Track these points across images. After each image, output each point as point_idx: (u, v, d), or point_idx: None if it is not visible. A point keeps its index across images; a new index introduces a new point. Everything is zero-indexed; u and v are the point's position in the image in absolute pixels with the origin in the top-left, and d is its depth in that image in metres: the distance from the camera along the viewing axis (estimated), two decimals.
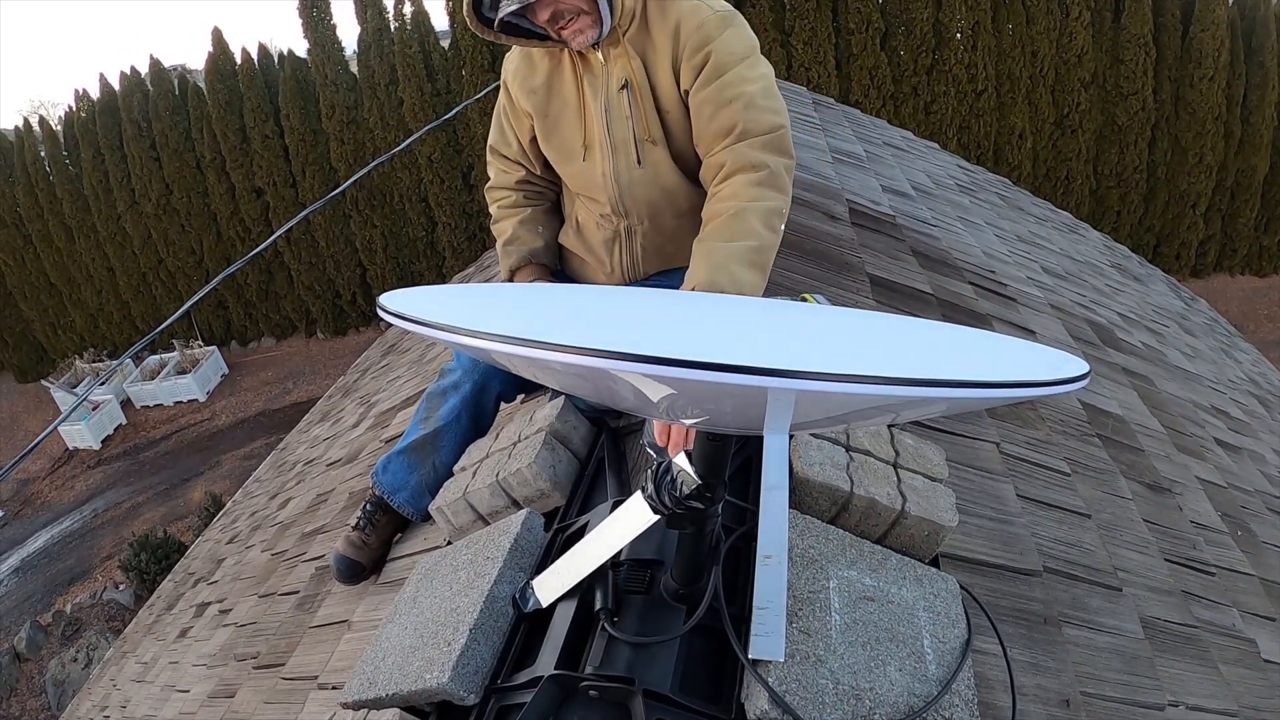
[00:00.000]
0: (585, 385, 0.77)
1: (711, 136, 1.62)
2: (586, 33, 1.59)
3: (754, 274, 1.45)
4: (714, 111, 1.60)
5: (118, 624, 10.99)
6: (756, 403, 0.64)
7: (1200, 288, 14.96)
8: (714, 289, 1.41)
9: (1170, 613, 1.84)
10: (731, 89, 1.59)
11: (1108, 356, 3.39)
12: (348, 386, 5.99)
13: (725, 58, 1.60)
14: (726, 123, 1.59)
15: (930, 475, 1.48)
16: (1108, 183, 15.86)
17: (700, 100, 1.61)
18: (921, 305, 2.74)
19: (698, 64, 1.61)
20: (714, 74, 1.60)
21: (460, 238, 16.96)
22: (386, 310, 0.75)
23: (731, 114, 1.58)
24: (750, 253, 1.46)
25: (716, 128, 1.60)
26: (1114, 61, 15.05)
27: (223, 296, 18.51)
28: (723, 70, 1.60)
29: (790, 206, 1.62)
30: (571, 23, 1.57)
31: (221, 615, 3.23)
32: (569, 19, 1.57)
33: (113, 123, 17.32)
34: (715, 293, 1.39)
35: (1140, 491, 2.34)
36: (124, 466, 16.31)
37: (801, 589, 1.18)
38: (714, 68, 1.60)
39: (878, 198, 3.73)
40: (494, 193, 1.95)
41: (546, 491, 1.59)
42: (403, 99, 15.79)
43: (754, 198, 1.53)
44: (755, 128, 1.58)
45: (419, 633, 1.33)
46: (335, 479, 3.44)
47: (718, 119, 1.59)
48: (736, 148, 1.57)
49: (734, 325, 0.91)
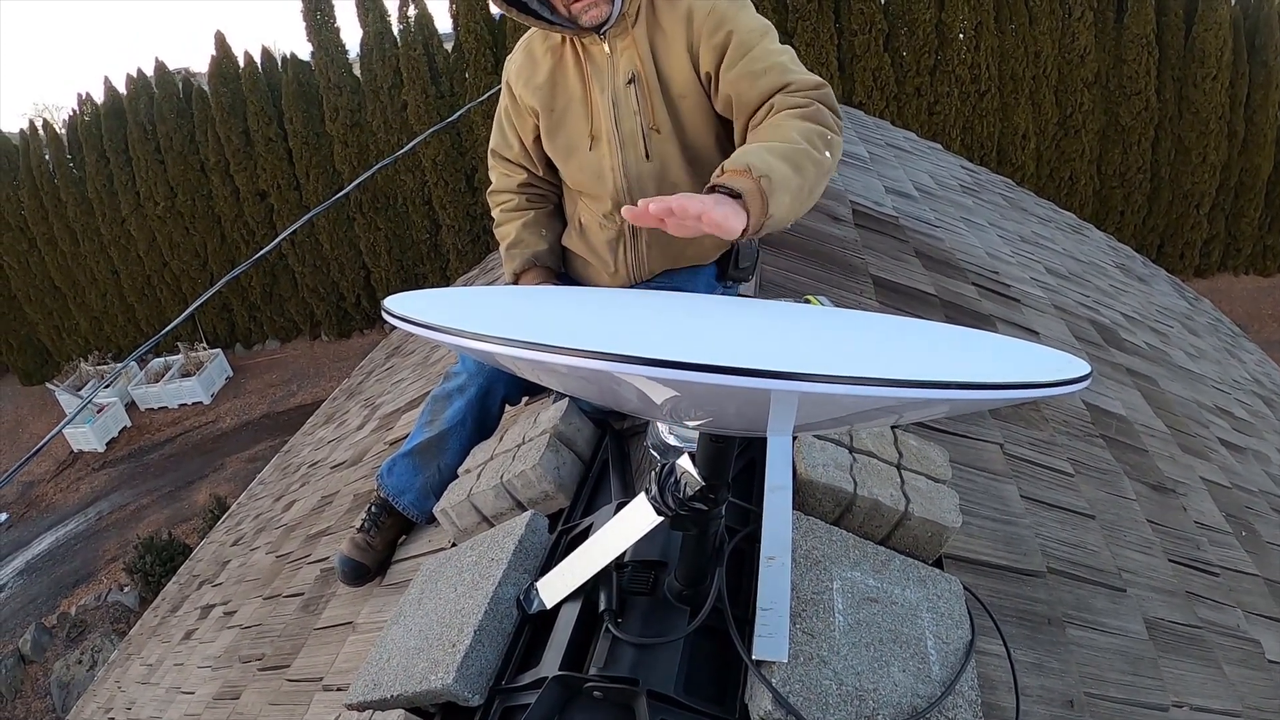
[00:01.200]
0: (589, 388, 0.77)
1: (755, 100, 1.58)
2: (599, 8, 1.58)
3: (785, 166, 1.31)
4: (753, 82, 1.57)
5: (122, 626, 11.02)
6: (760, 405, 0.64)
7: (1204, 287, 14.94)
8: (749, 165, 1.28)
9: (1174, 613, 1.84)
10: (761, 61, 1.58)
11: (1111, 357, 3.39)
12: (352, 389, 6.00)
13: (747, 35, 1.60)
14: (769, 86, 1.56)
15: (934, 476, 1.48)
16: (1111, 183, 15.84)
17: (734, 77, 1.59)
18: (925, 306, 2.74)
19: (719, 43, 1.60)
20: (740, 51, 1.59)
21: (464, 240, 16.99)
22: (392, 313, 0.76)
23: (772, 78, 1.56)
24: (790, 152, 1.35)
25: (758, 93, 1.57)
26: (1117, 61, 15.04)
27: (227, 299, 18.56)
28: (748, 47, 1.59)
29: (838, 157, 1.49)
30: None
31: (226, 617, 3.23)
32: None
33: (117, 126, 17.38)
34: (748, 166, 1.28)
35: (1144, 492, 2.34)
36: (129, 469, 16.35)
37: (805, 590, 1.19)
38: (739, 45, 1.59)
39: (881, 199, 3.73)
40: (496, 196, 1.96)
41: (551, 493, 1.60)
42: (406, 102, 15.82)
43: (801, 119, 1.46)
44: (799, 84, 1.55)
45: (424, 634, 1.33)
46: (340, 481, 3.45)
47: (758, 86, 1.57)
48: (781, 95, 1.54)
49: (737, 327, 0.92)
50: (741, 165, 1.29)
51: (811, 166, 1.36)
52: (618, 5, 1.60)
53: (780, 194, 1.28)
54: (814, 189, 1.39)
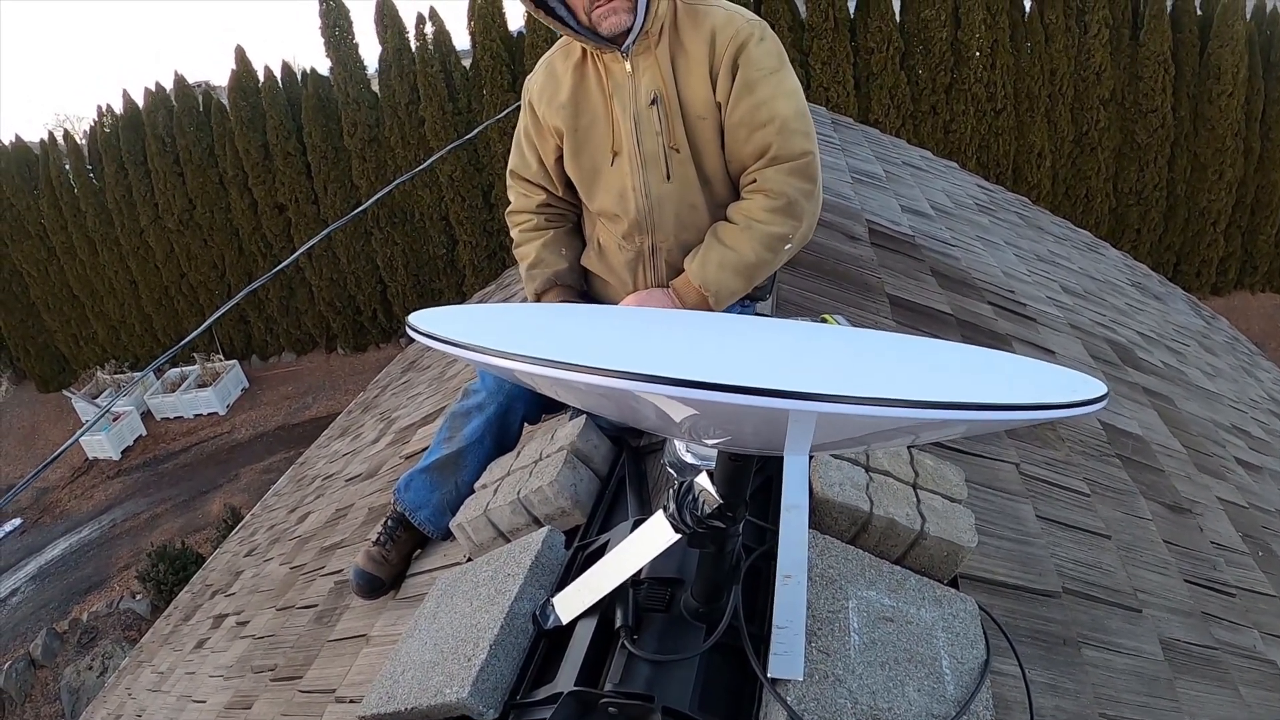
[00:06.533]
0: (609, 405, 0.78)
1: (746, 156, 1.71)
2: (620, 16, 1.61)
3: (739, 281, 1.70)
4: (749, 134, 1.68)
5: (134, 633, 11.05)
6: (778, 424, 0.65)
7: (1221, 305, 14.83)
8: (703, 283, 1.69)
9: (1190, 634, 1.83)
10: (766, 110, 1.65)
11: (1128, 376, 3.38)
12: (368, 402, 6.03)
13: (758, 73, 1.65)
14: (760, 145, 1.67)
15: (949, 496, 1.48)
16: (1127, 200, 15.77)
17: (735, 122, 1.68)
18: (941, 326, 2.74)
19: (733, 75, 1.66)
20: (747, 89, 1.65)
21: (480, 255, 17.06)
22: (416, 330, 0.77)
23: (765, 137, 1.66)
24: (742, 265, 1.68)
25: (751, 149, 1.69)
26: (1133, 79, 15.00)
27: (244, 311, 18.68)
28: (757, 86, 1.65)
29: (813, 223, 1.75)
30: (609, 1, 1.60)
31: (239, 627, 3.25)
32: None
33: (136, 138, 17.56)
34: (701, 284, 1.70)
35: (1160, 512, 2.32)
36: (143, 477, 16.45)
37: (821, 608, 1.19)
38: (747, 83, 1.65)
39: (897, 218, 3.74)
40: (515, 217, 1.97)
41: (567, 509, 1.60)
42: (424, 118, 15.92)
43: (766, 221, 1.67)
44: (785, 153, 1.66)
45: (439, 648, 1.34)
46: (354, 494, 3.46)
47: (753, 141, 1.68)
48: (766, 172, 1.67)
49: (755, 347, 0.93)
50: (697, 282, 1.70)
51: (764, 268, 1.71)
52: (639, 18, 1.62)
53: (725, 300, 1.72)
54: (764, 275, 1.75)
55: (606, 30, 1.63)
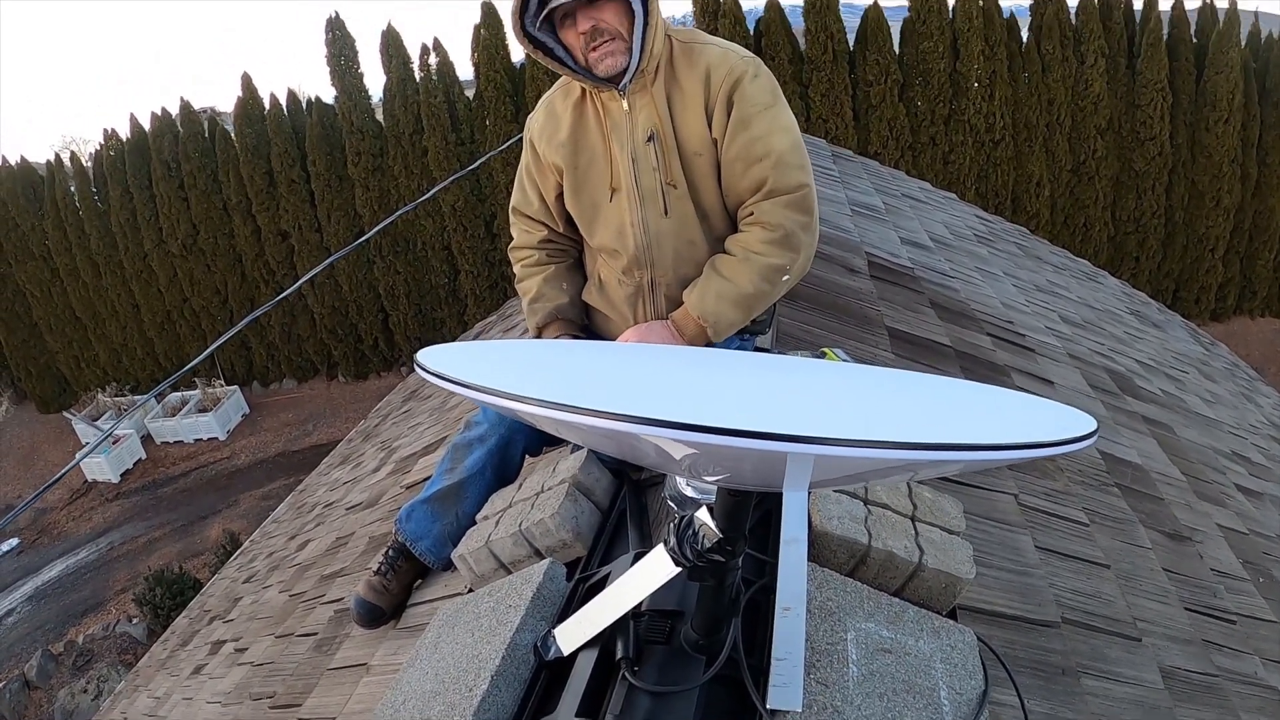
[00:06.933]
0: (609, 443, 0.80)
1: (743, 190, 1.73)
2: (616, 58, 1.65)
3: (737, 313, 1.73)
4: (745, 169, 1.70)
5: (129, 657, 11.00)
6: (776, 464, 0.67)
7: (1221, 331, 14.87)
8: (702, 315, 1.72)
9: (1190, 662, 1.83)
10: (762, 144, 1.68)
11: (1126, 405, 3.39)
12: (368, 431, 6.03)
13: (753, 109, 1.68)
14: (757, 179, 1.70)
15: (948, 528, 1.49)
16: (1126, 228, 15.87)
17: (732, 156, 1.71)
18: (940, 358, 2.76)
19: (729, 111, 1.69)
20: (742, 125, 1.68)
21: (482, 285, 17.13)
22: (424, 368, 0.79)
23: (761, 171, 1.69)
24: (740, 297, 1.71)
25: (748, 184, 1.72)
26: (1130, 107, 15.15)
27: (246, 338, 18.73)
28: (752, 121, 1.68)
29: (810, 255, 1.77)
30: (605, 44, 1.64)
31: (237, 654, 3.24)
32: (605, 39, 1.63)
33: (142, 162, 17.72)
34: (700, 316, 1.72)
35: (1160, 540, 2.33)
36: (142, 501, 16.42)
37: (819, 640, 1.20)
38: (742, 119, 1.68)
39: (896, 250, 3.77)
40: (517, 252, 2.00)
41: (569, 542, 1.61)
42: (427, 148, 16.06)
43: (763, 253, 1.70)
44: (781, 186, 1.69)
45: (440, 678, 1.35)
46: (355, 523, 3.46)
47: (749, 175, 1.71)
48: (763, 205, 1.70)
49: (754, 386, 0.94)
50: (696, 314, 1.72)
51: (763, 299, 1.74)
52: (634, 59, 1.65)
53: (724, 332, 1.74)
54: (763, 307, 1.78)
55: (602, 72, 1.67)
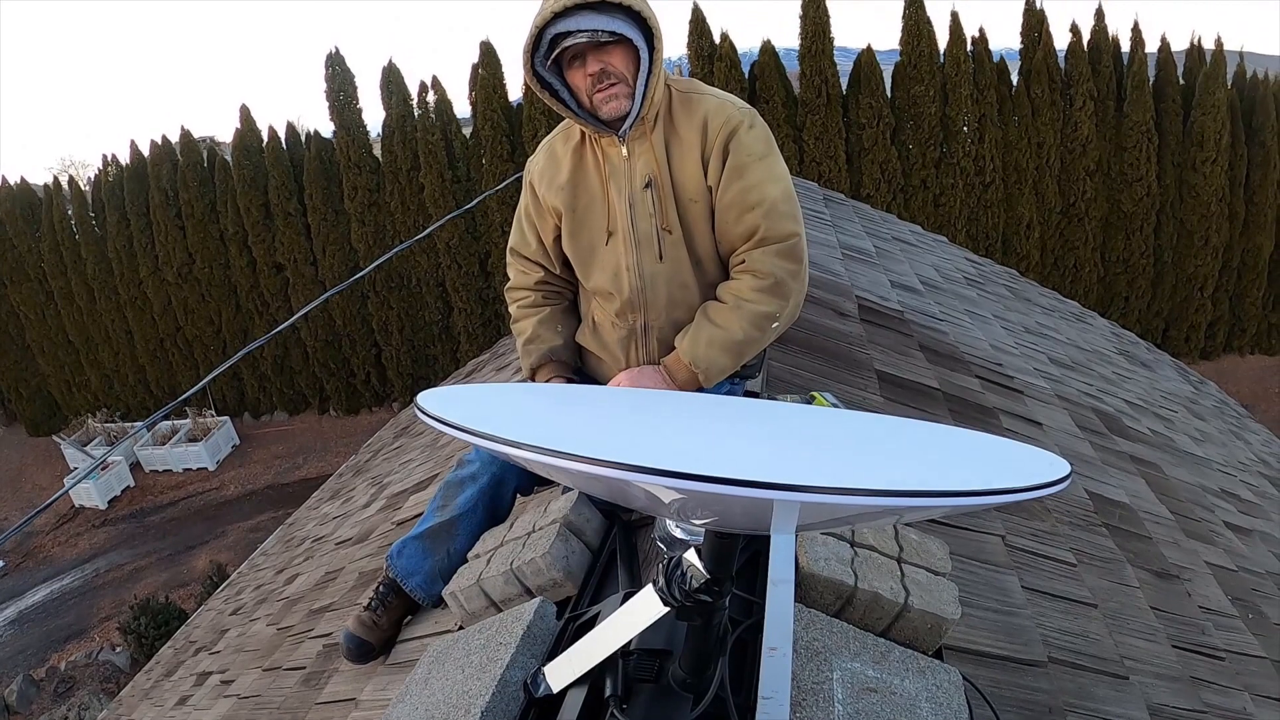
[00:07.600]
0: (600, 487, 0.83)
1: (736, 237, 1.78)
2: (620, 101, 1.70)
3: (728, 359, 1.76)
4: (738, 216, 1.75)
5: (111, 686, 10.82)
6: (763, 510, 0.70)
7: (1210, 369, 14.96)
8: (693, 360, 1.75)
9: (1178, 699, 1.84)
10: (755, 193, 1.73)
11: (1115, 445, 3.42)
12: (359, 466, 6.03)
13: (748, 158, 1.73)
14: (749, 226, 1.74)
15: (933, 569, 1.51)
16: (1115, 269, 16.01)
17: (726, 204, 1.75)
18: (929, 401, 2.79)
19: (724, 159, 1.74)
20: (737, 174, 1.73)
21: (475, 323, 17.12)
22: (425, 412, 0.82)
23: (754, 219, 1.73)
24: (731, 343, 1.74)
25: (740, 230, 1.76)
26: (1118, 149, 15.35)
27: (238, 369, 18.61)
28: (747, 170, 1.73)
29: (800, 301, 1.80)
30: (611, 87, 1.69)
31: (223, 686, 3.21)
32: (611, 83, 1.68)
33: (140, 189, 17.75)
34: (691, 361, 1.75)
35: (1148, 579, 2.35)
36: (129, 529, 16.24)
37: (806, 680, 1.21)
38: (737, 167, 1.73)
39: (886, 293, 3.82)
40: (514, 293, 2.03)
41: (559, 581, 1.63)
42: (423, 185, 16.12)
43: (754, 300, 1.74)
44: (773, 235, 1.73)
45: (430, 714, 1.36)
46: (345, 558, 3.46)
47: (742, 222, 1.75)
48: (754, 253, 1.74)
49: (743, 432, 0.97)
50: (688, 359, 1.75)
51: (753, 345, 1.77)
52: (636, 104, 1.70)
53: (715, 377, 1.77)
54: (753, 353, 1.80)
55: (606, 114, 1.72)
